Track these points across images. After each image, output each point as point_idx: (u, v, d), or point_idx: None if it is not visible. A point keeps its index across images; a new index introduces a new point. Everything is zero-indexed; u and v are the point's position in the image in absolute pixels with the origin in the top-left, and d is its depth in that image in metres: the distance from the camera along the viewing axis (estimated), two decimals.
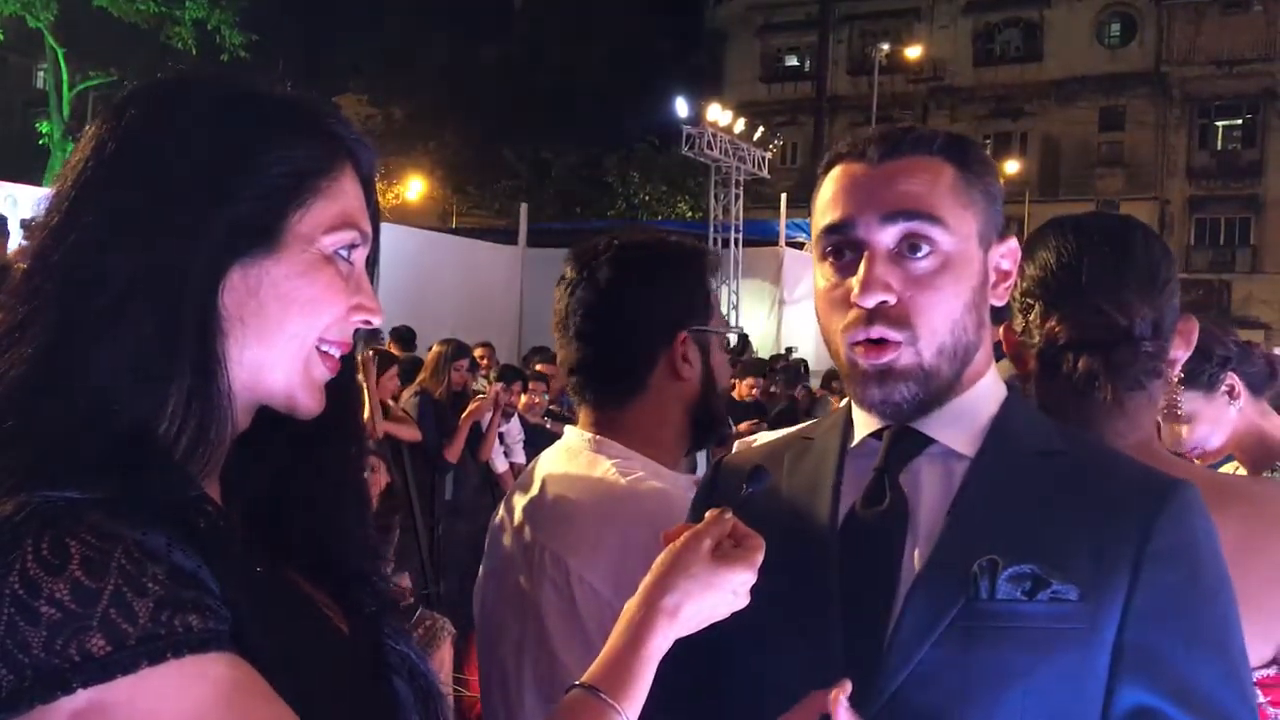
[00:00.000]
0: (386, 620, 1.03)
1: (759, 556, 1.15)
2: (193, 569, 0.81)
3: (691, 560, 1.11)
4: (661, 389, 1.67)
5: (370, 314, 1.00)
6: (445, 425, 6.41)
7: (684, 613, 1.09)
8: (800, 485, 1.27)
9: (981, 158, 1.23)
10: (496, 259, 16.88)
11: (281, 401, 0.97)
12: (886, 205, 1.16)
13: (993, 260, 1.22)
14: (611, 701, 1.03)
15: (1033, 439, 1.21)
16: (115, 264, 0.88)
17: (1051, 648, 1.07)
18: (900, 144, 1.19)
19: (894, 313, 1.15)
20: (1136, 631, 1.08)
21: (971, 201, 1.19)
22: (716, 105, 17.97)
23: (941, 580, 1.12)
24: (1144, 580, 1.08)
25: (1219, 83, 35.26)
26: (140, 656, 0.76)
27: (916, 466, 1.20)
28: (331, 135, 0.99)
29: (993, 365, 1.25)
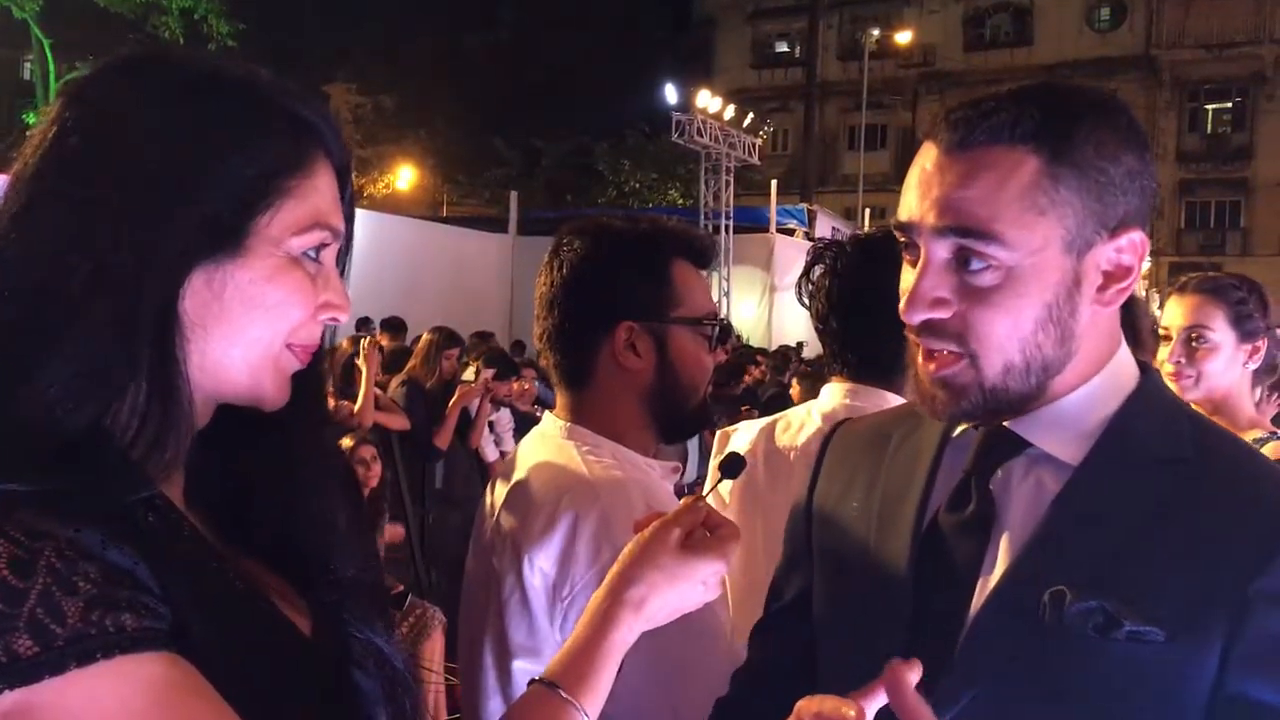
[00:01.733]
0: (353, 610, 1.01)
1: (732, 546, 1.12)
2: (129, 567, 0.80)
3: (659, 551, 1.09)
4: (609, 378, 1.67)
5: (338, 311, 0.98)
6: (435, 413, 6.39)
7: (650, 606, 1.07)
8: (896, 475, 1.18)
9: (1098, 137, 1.01)
10: (487, 247, 16.85)
11: (247, 398, 0.95)
12: (939, 214, 1.02)
13: (1098, 259, 1.04)
14: (569, 697, 1.01)
15: (1156, 444, 1.05)
16: (72, 263, 0.85)
17: (1125, 692, 0.95)
18: (975, 130, 1.02)
19: (949, 327, 1.04)
20: (1237, 680, 0.93)
21: (1058, 202, 1.00)
22: (706, 92, 17.91)
23: (1013, 606, 1.01)
24: (1251, 623, 0.93)
25: (1208, 66, 35.28)
26: (68, 657, 0.74)
27: (1010, 471, 1.09)
28: (304, 126, 0.95)
29: (1113, 363, 1.10)
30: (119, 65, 0.94)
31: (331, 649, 0.97)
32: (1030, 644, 0.99)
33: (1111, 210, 1.03)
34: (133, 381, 0.86)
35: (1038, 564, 1.02)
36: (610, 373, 1.67)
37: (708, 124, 17.50)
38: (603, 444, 1.65)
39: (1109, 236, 1.03)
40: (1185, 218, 36.17)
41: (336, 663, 0.96)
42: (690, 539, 1.11)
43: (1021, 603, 1.00)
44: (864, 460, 1.23)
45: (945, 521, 1.10)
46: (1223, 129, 36.18)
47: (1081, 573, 0.99)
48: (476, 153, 32.98)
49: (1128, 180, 1.03)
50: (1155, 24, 35.86)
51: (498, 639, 1.59)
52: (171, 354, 0.88)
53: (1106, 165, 1.02)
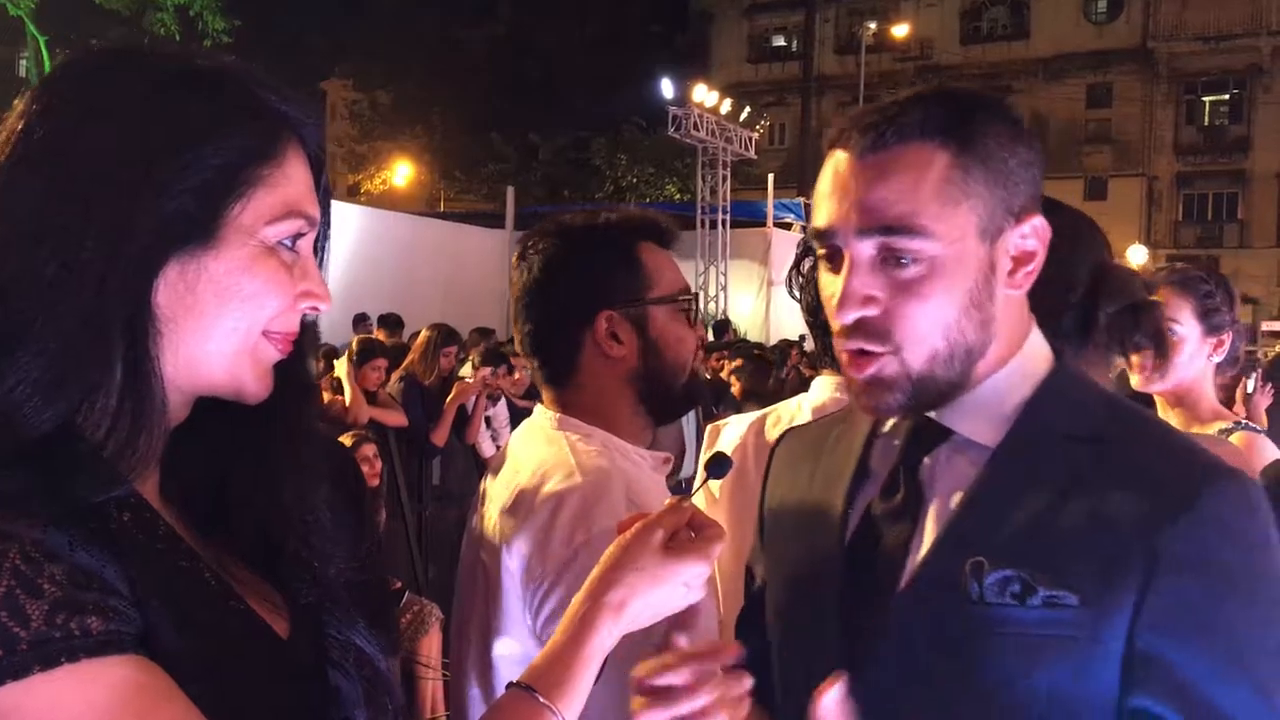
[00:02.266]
0: (333, 610, 1.00)
1: (716, 547, 1.12)
2: (97, 568, 0.79)
3: (640, 553, 1.07)
4: (595, 370, 1.69)
5: (318, 300, 0.97)
6: (433, 410, 6.39)
7: (630, 608, 1.06)
8: (830, 470, 1.23)
9: (996, 130, 1.09)
10: (484, 243, 16.84)
11: (227, 391, 0.94)
12: (861, 217, 1.07)
13: (1007, 245, 1.10)
14: (546, 701, 1.00)
15: (1068, 424, 1.10)
16: (40, 259, 0.84)
17: (1043, 655, 1.00)
18: (884, 133, 1.07)
19: (875, 325, 1.08)
20: (1147, 643, 0.98)
21: (969, 192, 1.06)
22: (703, 86, 17.91)
23: (936, 581, 1.06)
24: (1157, 588, 0.98)
25: (1206, 58, 35.26)
26: (32, 661, 0.73)
27: (936, 458, 1.14)
28: (275, 115, 0.94)
29: (1026, 346, 1.15)
30: (86, 59, 0.93)
31: (308, 650, 0.96)
32: (954, 614, 1.03)
33: (1015, 197, 1.09)
34: (104, 378, 0.85)
35: (959, 540, 1.07)
36: (596, 364, 1.68)
37: (704, 118, 17.50)
38: (594, 434, 1.66)
39: (1015, 222, 1.10)
40: (1183, 210, 36.18)
41: (313, 664, 0.95)
42: (674, 540, 1.10)
43: (945, 576, 1.05)
44: (805, 462, 1.28)
45: (878, 509, 1.15)
46: (1220, 121, 36.17)
47: (999, 545, 1.04)
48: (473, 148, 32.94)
49: (1024, 169, 1.10)
50: (1152, 16, 35.83)
51: (479, 625, 1.60)
52: (144, 349, 0.87)
53: (1006, 156, 1.09)
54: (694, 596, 1.11)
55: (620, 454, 1.65)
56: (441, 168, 34.61)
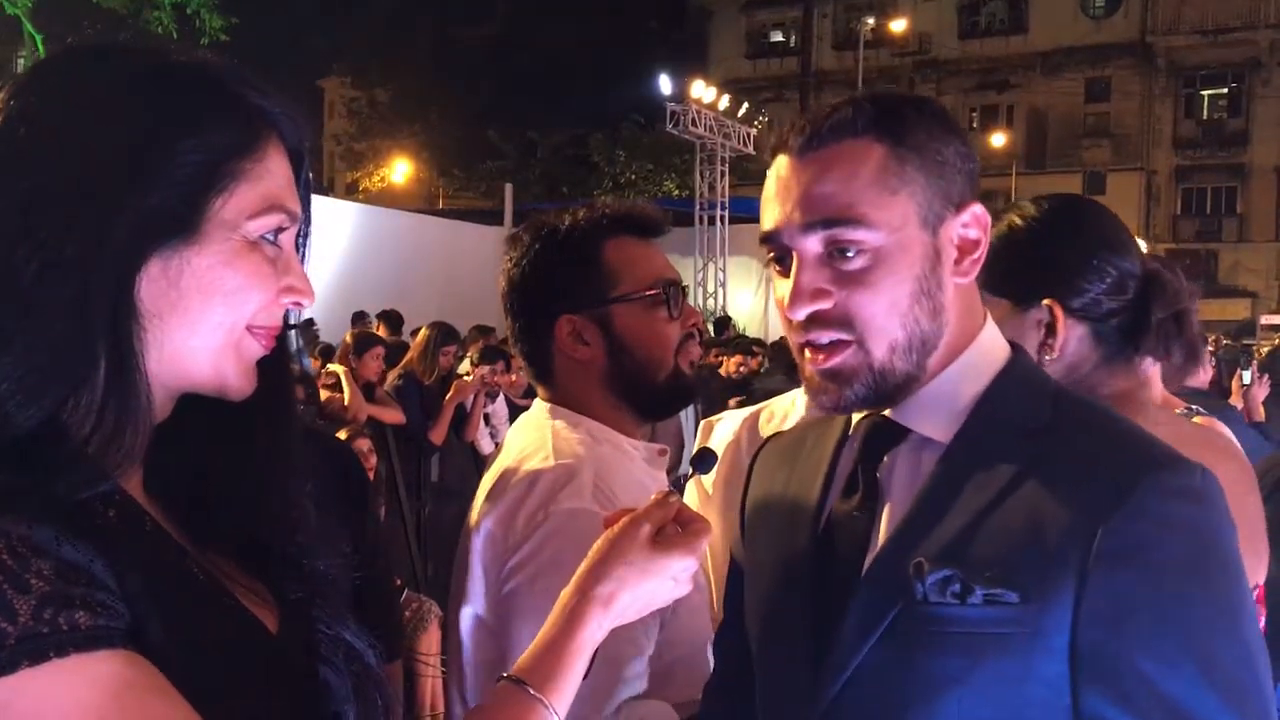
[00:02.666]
0: (323, 606, 1.00)
1: (703, 541, 1.13)
2: (84, 564, 0.79)
3: (628, 547, 1.08)
4: (567, 370, 1.71)
5: (300, 295, 0.96)
6: (431, 408, 6.39)
7: (619, 601, 1.07)
8: (804, 472, 1.23)
9: (927, 124, 1.12)
10: (482, 240, 16.80)
11: (211, 388, 0.94)
12: (803, 213, 1.09)
13: (949, 235, 1.12)
14: (537, 694, 1.01)
15: (1019, 417, 1.10)
16: (21, 257, 0.83)
17: (986, 653, 1.00)
18: (820, 131, 1.10)
19: (833, 316, 1.09)
20: (1088, 637, 0.99)
21: (906, 181, 1.09)
22: (701, 82, 17.90)
23: (884, 581, 1.06)
24: (1094, 581, 0.98)
25: (1204, 52, 35.26)
26: (20, 656, 0.73)
27: (894, 457, 1.14)
28: (255, 110, 0.94)
29: (980, 340, 1.15)
30: (65, 57, 0.93)
31: (297, 645, 0.96)
32: (901, 614, 1.04)
33: (952, 187, 1.12)
34: (89, 375, 0.85)
35: (908, 539, 1.07)
36: (566, 365, 1.70)
37: (703, 114, 17.49)
38: (582, 422, 1.68)
39: (955, 211, 1.12)
40: (1181, 204, 36.17)
41: (302, 659, 0.95)
42: (661, 534, 1.11)
43: (892, 577, 1.05)
44: (782, 468, 1.28)
45: (838, 510, 1.16)
46: (1219, 115, 36.15)
47: (942, 543, 1.04)
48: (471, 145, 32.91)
49: (959, 160, 1.12)
50: (1150, 10, 35.80)
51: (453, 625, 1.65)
52: (128, 345, 0.87)
53: (940, 147, 1.11)
54: (681, 590, 1.12)
55: (610, 443, 1.67)
56: (440, 165, 34.61)
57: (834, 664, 1.07)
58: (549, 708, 1.01)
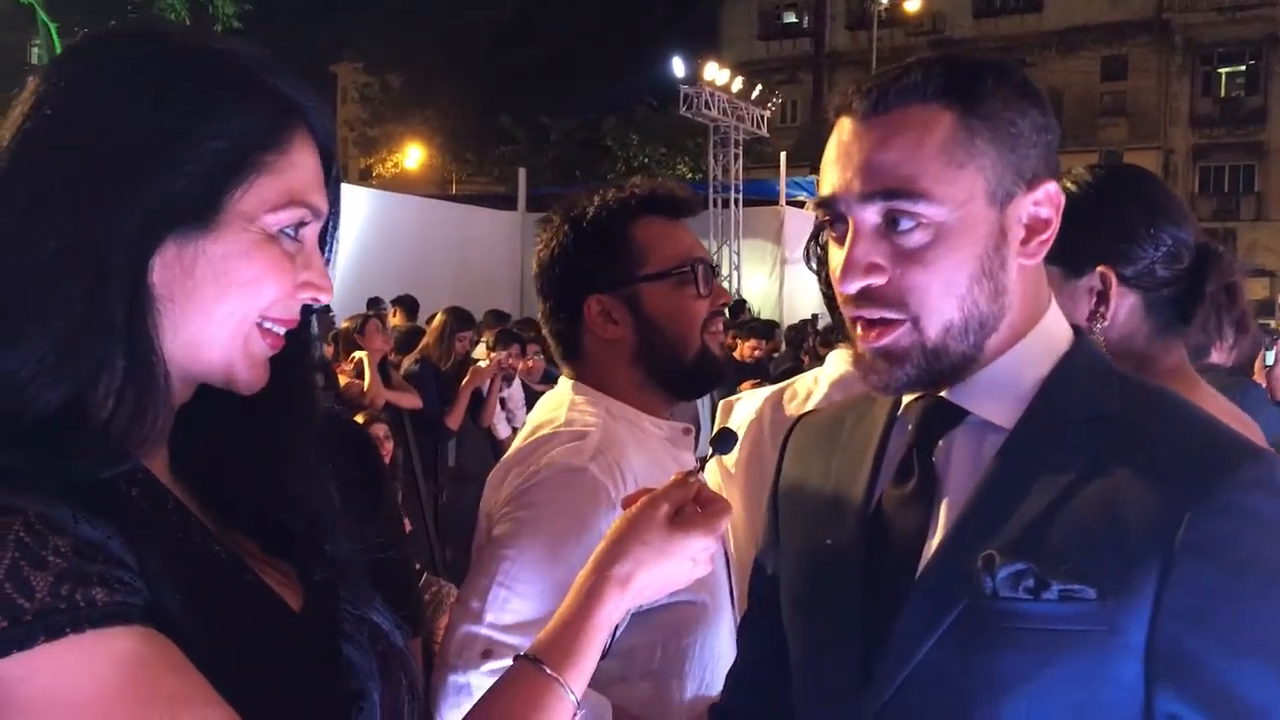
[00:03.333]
0: (348, 588, 1.00)
1: (722, 522, 1.12)
2: (101, 541, 0.79)
3: (646, 527, 1.08)
4: (595, 350, 1.73)
5: (319, 291, 0.96)
6: (447, 393, 6.40)
7: (636, 582, 1.07)
8: (849, 458, 1.18)
9: (1002, 91, 1.05)
10: (496, 225, 16.83)
11: (220, 378, 0.94)
12: (864, 182, 1.04)
13: (1018, 212, 1.06)
14: (553, 673, 1.01)
15: (1085, 404, 1.06)
16: (42, 237, 0.84)
17: (1060, 652, 0.96)
18: (887, 94, 1.04)
19: (885, 292, 1.04)
20: (1168, 635, 0.94)
21: (975, 154, 1.03)
22: (714, 64, 17.82)
23: (947, 575, 1.02)
24: (1177, 576, 0.94)
25: (1222, 29, 34.91)
26: (37, 632, 0.73)
27: (951, 441, 1.09)
28: (284, 103, 0.93)
29: (1044, 322, 1.10)
30: (94, 41, 0.93)
31: (321, 624, 0.96)
32: (967, 610, 1.00)
33: (1025, 162, 1.05)
34: (107, 357, 0.85)
35: (972, 530, 1.02)
36: (596, 345, 1.72)
37: (716, 96, 17.42)
38: (601, 399, 1.70)
39: (1026, 189, 1.06)
40: (1199, 183, 35.87)
41: (326, 637, 0.96)
42: (680, 515, 1.10)
43: (957, 570, 1.01)
44: (821, 449, 1.24)
45: (890, 496, 1.11)
46: (1236, 93, 35.80)
47: (1013, 536, 1.00)
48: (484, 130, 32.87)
49: (1035, 133, 1.06)
50: None
51: None
52: (145, 328, 0.87)
53: (1015, 117, 1.05)
54: (700, 571, 1.12)
55: (628, 421, 1.68)
56: (452, 150, 34.58)
57: (891, 663, 1.03)
58: (565, 686, 1.01)
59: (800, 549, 1.21)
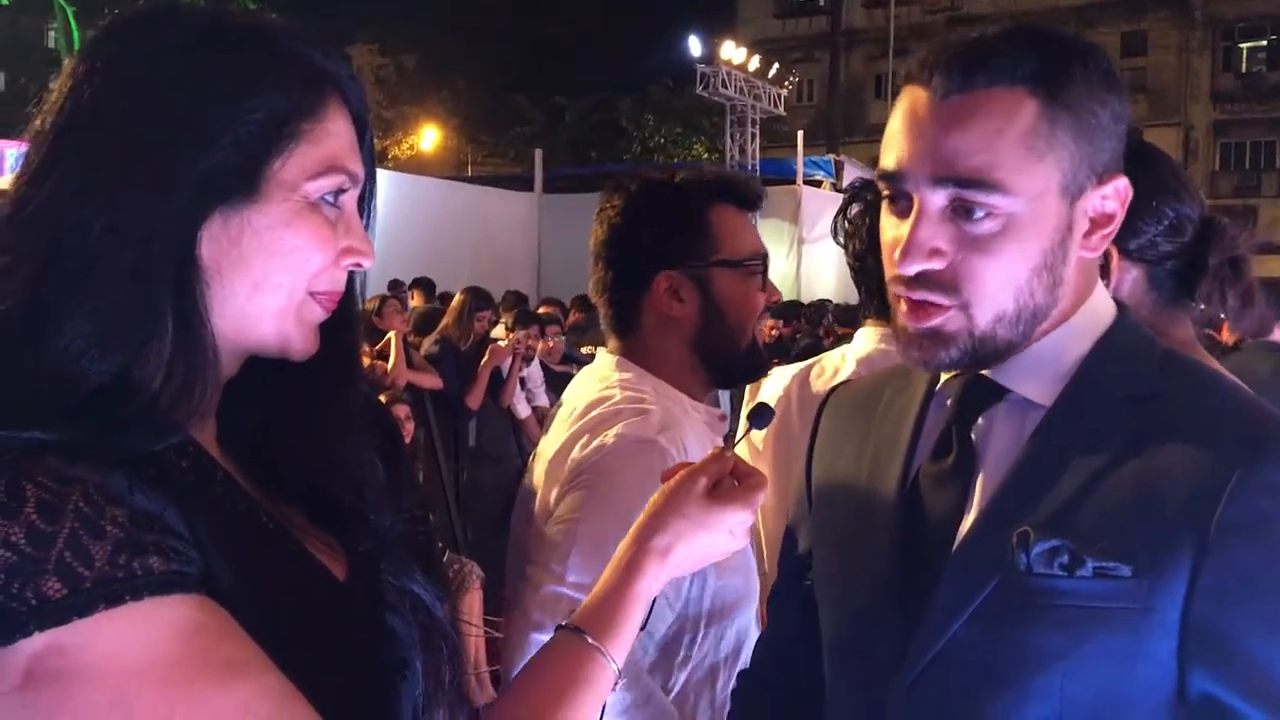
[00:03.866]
0: (390, 559, 1.02)
1: (759, 495, 1.13)
2: (157, 511, 0.81)
3: (684, 500, 1.10)
4: (655, 326, 1.73)
5: (361, 256, 0.97)
6: (467, 373, 6.43)
7: (675, 554, 1.09)
8: (885, 432, 1.17)
9: (1088, 79, 1.00)
10: (513, 206, 16.82)
11: (274, 349, 0.96)
12: (938, 164, 0.99)
13: (1086, 206, 1.03)
14: (595, 643, 1.03)
15: (1125, 382, 1.04)
16: (89, 215, 0.86)
17: (1094, 629, 0.95)
18: (972, 73, 0.99)
19: (942, 278, 1.02)
20: (1203, 613, 0.93)
21: (1055, 145, 0.99)
22: (730, 43, 17.75)
23: (982, 551, 1.01)
24: (1214, 555, 0.93)
25: (1243, 3, 34.47)
26: (96, 599, 0.75)
27: (991, 418, 1.08)
28: (317, 72, 0.95)
29: (1090, 303, 1.09)
30: (127, 20, 0.94)
31: (365, 594, 0.98)
32: (1000, 586, 0.99)
33: (1100, 154, 1.03)
34: (156, 330, 0.87)
35: (1008, 507, 1.02)
36: (656, 320, 1.72)
37: (732, 75, 17.36)
38: (646, 377, 1.71)
39: (1098, 183, 1.03)
40: (1220, 159, 35.53)
41: (369, 606, 0.98)
42: (717, 488, 1.12)
43: (991, 546, 1.01)
44: (856, 422, 1.23)
45: (928, 472, 1.10)
46: (1258, 68, 35.38)
47: (1049, 513, 0.99)
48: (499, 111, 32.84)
49: (1113, 124, 1.03)
50: None
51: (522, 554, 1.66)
52: (192, 302, 0.89)
53: (1096, 108, 1.01)
54: (737, 544, 1.13)
55: (672, 400, 1.69)
56: (468, 132, 34.54)
57: (923, 638, 1.02)
58: (606, 655, 1.03)
59: (835, 522, 1.21)
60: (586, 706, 1.02)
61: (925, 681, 1.02)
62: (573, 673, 1.02)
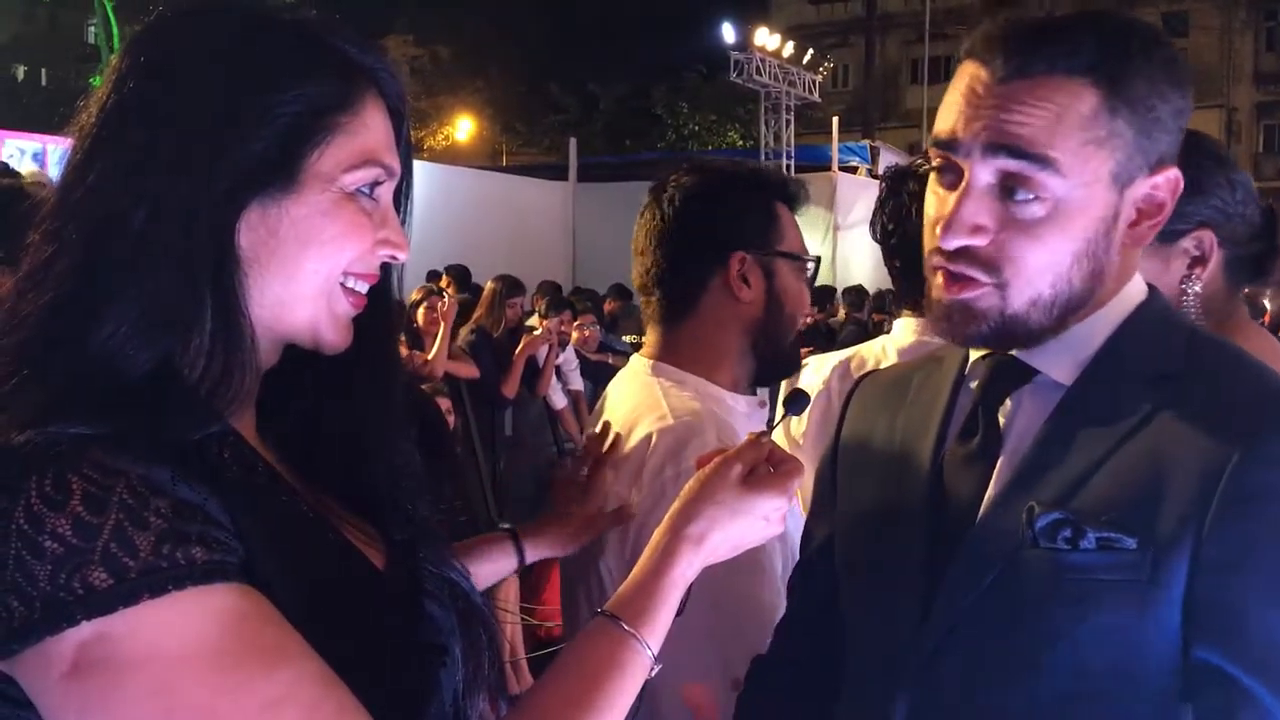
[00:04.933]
0: (427, 546, 1.04)
1: (794, 482, 1.14)
2: (199, 502, 0.82)
3: (719, 487, 1.10)
4: (717, 310, 1.71)
5: (396, 248, 0.99)
6: (502, 361, 6.46)
7: (710, 540, 1.09)
8: (915, 416, 1.18)
9: (1151, 72, 1.00)
10: (547, 195, 16.84)
11: (306, 338, 0.98)
12: (993, 134, 0.99)
13: (1135, 195, 1.03)
14: (630, 629, 1.04)
15: (1146, 362, 1.05)
16: (132, 205, 0.88)
17: (1101, 602, 0.96)
18: (1034, 58, 0.99)
19: (982, 254, 1.02)
20: (1206, 585, 0.94)
21: (1112, 135, 1.00)
22: (764, 29, 17.67)
23: (998, 527, 1.03)
24: (1217, 527, 0.93)
25: None
26: (141, 589, 0.77)
27: (1018, 399, 1.09)
28: (355, 66, 0.97)
29: (1125, 291, 1.08)
30: (171, 15, 0.97)
31: (403, 581, 1.00)
32: (1013, 560, 1.01)
33: (1155, 146, 1.03)
34: (196, 319, 0.89)
35: (1022, 484, 1.03)
36: (719, 304, 1.71)
37: (766, 62, 17.28)
38: (687, 379, 1.70)
39: (1149, 173, 1.03)
40: (1264, 141, 34.96)
41: (408, 594, 0.99)
42: (753, 475, 1.12)
43: (1005, 523, 1.02)
44: (885, 407, 1.24)
45: (955, 453, 1.12)
46: None
47: (1057, 488, 1.00)
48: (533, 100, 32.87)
49: (1173, 119, 1.03)
50: None
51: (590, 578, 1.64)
52: (231, 290, 0.91)
53: (1156, 102, 1.01)
54: (773, 530, 1.14)
55: (714, 400, 1.69)
56: (502, 121, 34.62)
57: (939, 611, 1.04)
58: (641, 641, 1.03)
59: (862, 505, 1.22)
60: (621, 693, 1.02)
61: (940, 657, 1.04)
62: (608, 658, 1.03)
